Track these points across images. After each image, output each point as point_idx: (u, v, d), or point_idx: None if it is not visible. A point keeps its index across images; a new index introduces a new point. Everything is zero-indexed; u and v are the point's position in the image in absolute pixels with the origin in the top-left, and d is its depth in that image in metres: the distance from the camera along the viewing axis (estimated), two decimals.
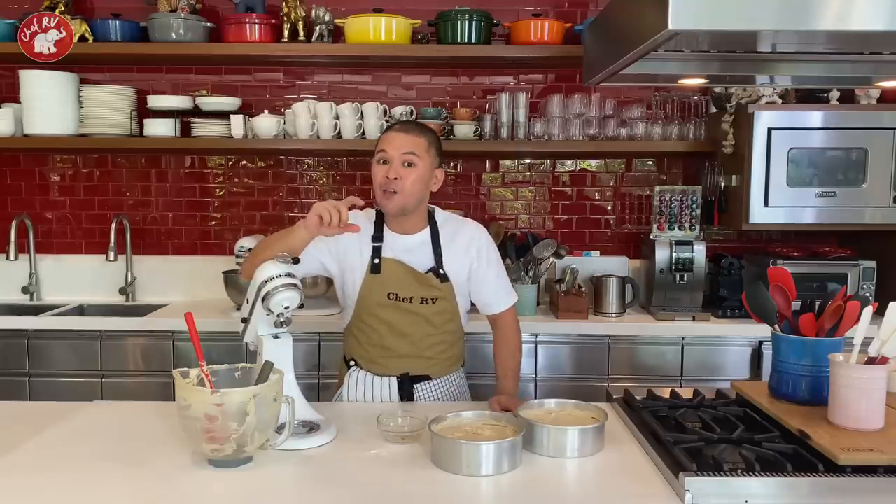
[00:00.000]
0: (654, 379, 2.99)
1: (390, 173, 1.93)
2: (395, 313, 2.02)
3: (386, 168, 1.95)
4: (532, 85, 3.55)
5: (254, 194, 3.62)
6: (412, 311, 2.02)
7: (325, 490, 1.46)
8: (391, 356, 2.04)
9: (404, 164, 1.95)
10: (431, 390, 2.08)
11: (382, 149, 1.97)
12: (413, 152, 1.95)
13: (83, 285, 3.56)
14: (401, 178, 1.93)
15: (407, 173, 1.94)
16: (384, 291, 2.00)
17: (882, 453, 1.40)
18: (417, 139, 1.98)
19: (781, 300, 1.74)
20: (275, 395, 1.53)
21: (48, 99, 3.27)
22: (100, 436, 1.72)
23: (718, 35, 1.61)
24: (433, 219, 2.09)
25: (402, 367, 2.05)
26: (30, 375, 3.08)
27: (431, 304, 2.02)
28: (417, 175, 1.96)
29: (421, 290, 2.01)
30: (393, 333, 2.03)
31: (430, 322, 2.04)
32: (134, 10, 3.37)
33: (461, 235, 2.08)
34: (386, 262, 2.00)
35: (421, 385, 2.07)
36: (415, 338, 2.04)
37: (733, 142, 3.15)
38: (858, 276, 3.13)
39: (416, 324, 2.03)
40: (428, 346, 2.05)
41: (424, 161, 1.97)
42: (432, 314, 2.03)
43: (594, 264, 3.46)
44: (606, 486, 1.47)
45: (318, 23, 3.24)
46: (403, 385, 2.05)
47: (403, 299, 2.00)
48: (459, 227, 2.11)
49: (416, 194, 1.97)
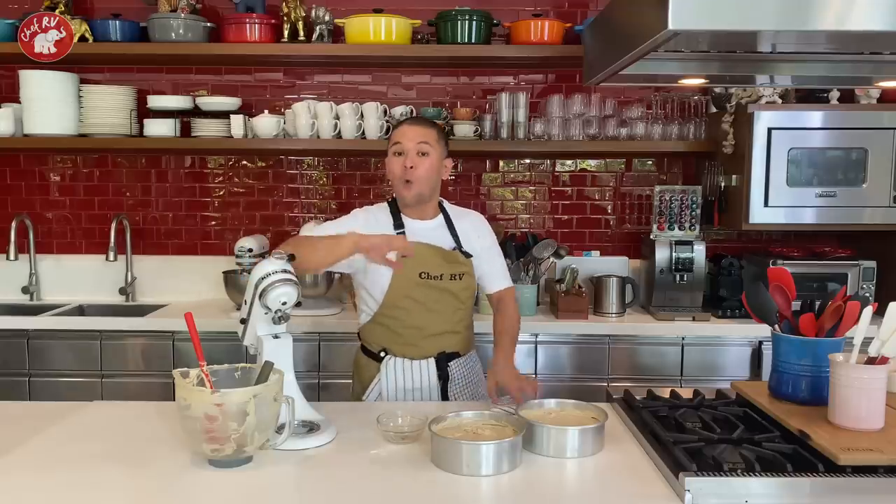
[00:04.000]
0: (654, 379, 2.99)
1: (407, 162, 2.09)
2: (427, 291, 2.13)
3: (402, 159, 2.11)
4: (532, 85, 3.55)
5: (254, 194, 3.62)
6: (442, 287, 2.14)
7: (325, 490, 1.46)
8: (425, 335, 2.14)
9: (419, 153, 2.10)
10: (462, 367, 2.20)
11: (397, 141, 2.13)
12: (426, 142, 2.11)
13: (83, 285, 3.56)
14: (416, 166, 2.09)
15: (421, 162, 2.10)
16: (416, 271, 2.10)
17: (882, 453, 1.40)
18: (428, 130, 2.14)
19: (781, 300, 1.74)
20: (275, 395, 1.53)
21: (48, 99, 3.27)
22: (100, 436, 1.72)
23: (718, 35, 1.61)
24: (442, 207, 2.26)
25: (437, 346, 2.16)
26: (30, 375, 3.08)
27: (458, 279, 2.16)
28: (431, 163, 2.12)
29: (449, 268, 2.15)
30: (426, 311, 2.13)
31: (458, 297, 2.17)
32: (134, 10, 3.37)
33: (468, 220, 2.27)
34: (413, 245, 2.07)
35: (454, 363, 2.18)
36: (446, 314, 2.16)
37: (733, 142, 3.15)
38: (858, 276, 3.13)
39: (445, 300, 2.15)
40: (458, 321, 2.19)
41: (436, 150, 2.13)
42: (459, 290, 2.17)
43: (594, 264, 3.46)
44: (606, 486, 1.47)
45: (318, 23, 3.24)
46: (440, 364, 2.15)
47: (434, 277, 2.12)
48: (465, 214, 2.30)
49: (431, 181, 2.14)
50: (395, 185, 2.15)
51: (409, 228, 2.15)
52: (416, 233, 2.14)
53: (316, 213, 3.61)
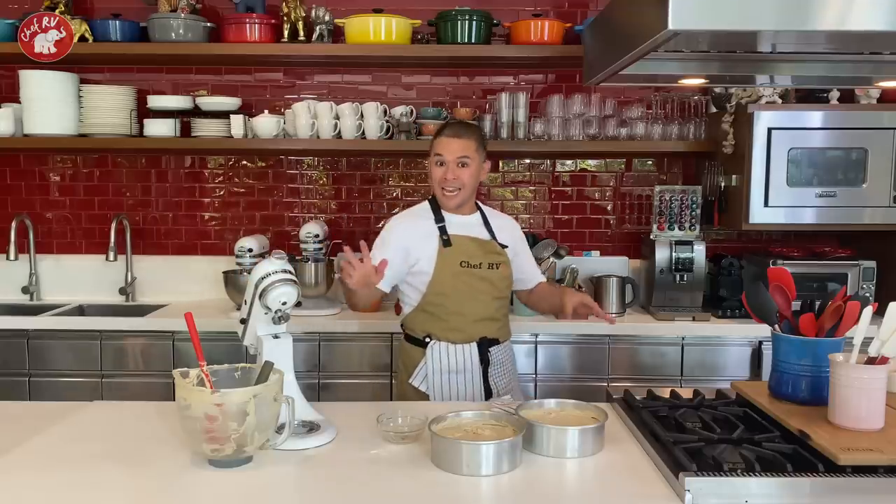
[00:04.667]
0: (654, 379, 2.99)
1: (448, 174, 2.26)
2: (467, 279, 2.28)
3: (444, 169, 2.28)
4: (532, 85, 3.55)
5: (254, 194, 3.62)
6: (481, 276, 2.29)
7: (325, 490, 1.46)
8: (468, 321, 2.28)
9: (459, 165, 2.27)
10: (501, 353, 2.35)
11: (439, 153, 2.29)
12: (466, 155, 2.27)
13: (83, 285, 3.56)
14: (458, 177, 2.27)
15: (462, 172, 2.27)
16: (457, 260, 2.27)
17: (882, 453, 1.40)
18: (468, 142, 2.29)
19: (781, 300, 1.74)
20: (275, 395, 1.53)
21: (48, 99, 3.27)
22: (100, 436, 1.72)
23: (718, 35, 1.61)
24: (478, 205, 2.44)
25: (479, 331, 2.30)
26: (30, 375, 3.08)
27: (496, 269, 2.32)
28: (470, 172, 2.29)
29: (487, 257, 2.31)
30: (467, 298, 2.28)
31: (496, 286, 2.32)
32: (134, 10, 3.37)
33: (501, 220, 2.47)
34: (453, 237, 2.29)
35: (494, 349, 2.32)
36: (485, 301, 2.31)
37: (733, 142, 3.15)
38: (858, 276, 3.13)
39: (485, 289, 2.30)
40: (496, 309, 2.34)
41: (475, 160, 2.30)
42: (497, 279, 2.32)
43: (594, 264, 3.46)
44: (606, 486, 1.47)
45: (318, 23, 3.24)
46: (482, 348, 2.29)
47: (474, 265, 2.28)
48: (499, 215, 2.51)
49: (471, 187, 2.32)
50: (436, 191, 2.32)
51: (449, 221, 2.32)
52: (456, 226, 2.32)
53: (316, 213, 3.61)
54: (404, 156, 3.58)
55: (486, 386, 2.28)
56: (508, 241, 2.39)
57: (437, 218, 2.33)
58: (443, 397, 2.26)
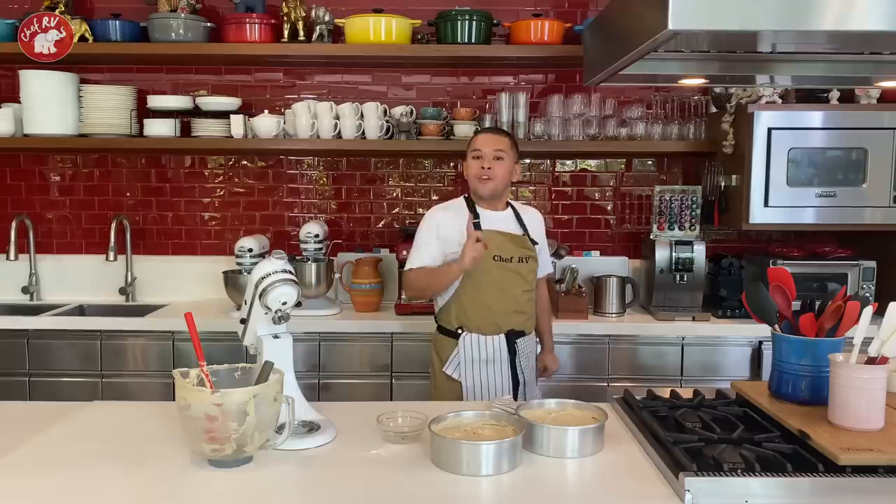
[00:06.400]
0: (654, 379, 2.99)
1: (485, 164, 2.44)
2: (500, 272, 2.43)
3: (480, 162, 2.45)
4: (532, 85, 3.55)
5: (254, 194, 3.62)
6: (512, 269, 2.44)
7: (325, 490, 1.46)
8: (498, 313, 2.43)
9: (495, 157, 2.44)
10: (526, 344, 2.52)
11: (477, 148, 2.47)
12: (501, 149, 2.46)
13: (83, 285, 3.56)
14: (493, 168, 2.44)
15: (497, 164, 2.44)
16: (490, 254, 2.39)
17: (882, 453, 1.40)
18: (503, 139, 2.50)
19: (781, 300, 1.74)
20: (275, 395, 1.53)
21: (48, 99, 3.27)
22: (100, 436, 1.72)
23: (718, 35, 1.61)
24: (510, 203, 2.60)
25: (509, 324, 2.45)
26: (30, 375, 3.08)
27: (525, 262, 2.48)
28: (505, 166, 2.46)
29: (518, 251, 2.46)
30: (498, 291, 2.43)
31: (525, 279, 2.48)
32: (134, 10, 3.37)
33: (530, 214, 2.62)
34: (486, 231, 2.41)
35: (520, 340, 2.48)
36: (515, 293, 2.46)
37: (733, 142, 3.15)
38: (858, 276, 3.13)
39: (515, 282, 2.45)
40: (525, 301, 2.49)
41: (509, 156, 2.48)
42: (526, 272, 2.48)
43: (594, 264, 3.46)
44: (606, 486, 1.47)
45: (318, 23, 3.24)
46: (510, 340, 2.44)
47: (506, 259, 2.43)
48: (527, 208, 2.67)
49: (504, 180, 2.48)
50: (472, 182, 2.49)
51: (484, 217, 2.47)
52: (490, 221, 2.47)
53: (316, 213, 3.61)
54: (404, 156, 3.58)
55: (514, 375, 2.45)
56: (538, 236, 2.57)
57: (472, 214, 2.46)
58: (474, 385, 2.43)
